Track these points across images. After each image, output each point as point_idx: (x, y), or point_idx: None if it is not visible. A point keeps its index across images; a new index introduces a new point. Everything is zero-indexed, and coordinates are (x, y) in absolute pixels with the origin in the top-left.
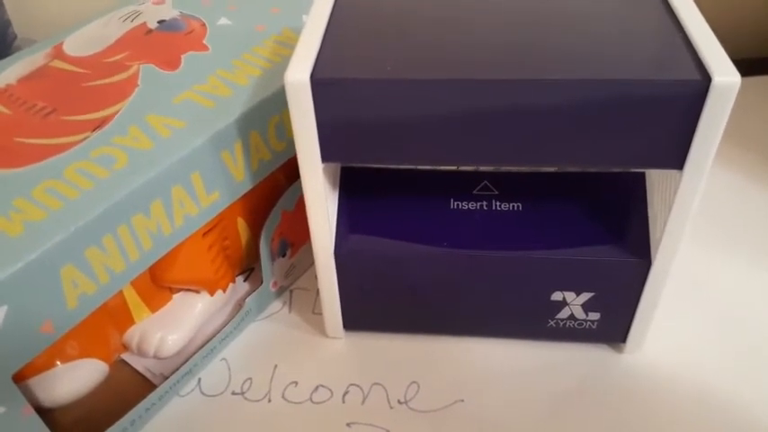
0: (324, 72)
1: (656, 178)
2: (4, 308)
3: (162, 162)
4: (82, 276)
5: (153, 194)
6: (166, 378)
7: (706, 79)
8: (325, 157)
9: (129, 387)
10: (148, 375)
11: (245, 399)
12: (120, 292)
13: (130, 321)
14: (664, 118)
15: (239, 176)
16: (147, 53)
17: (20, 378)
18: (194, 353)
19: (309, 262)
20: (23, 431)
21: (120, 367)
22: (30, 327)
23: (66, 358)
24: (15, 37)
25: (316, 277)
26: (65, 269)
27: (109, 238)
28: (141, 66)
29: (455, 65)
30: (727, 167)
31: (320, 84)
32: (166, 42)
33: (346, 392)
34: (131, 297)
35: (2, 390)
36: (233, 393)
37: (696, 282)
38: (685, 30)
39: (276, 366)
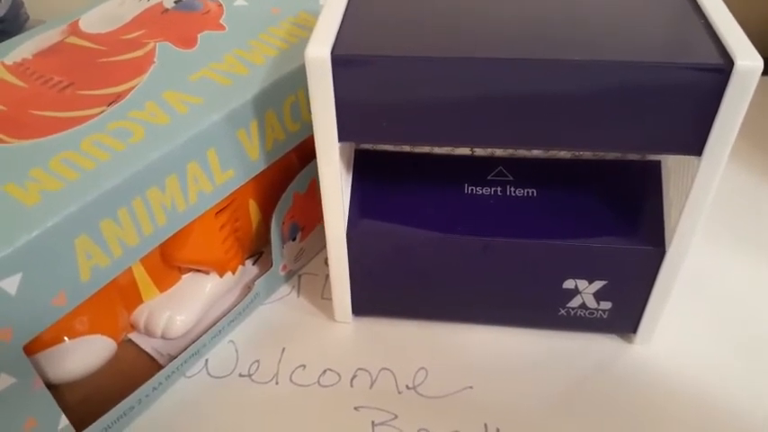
0: (344, 48)
1: (672, 166)
2: (19, 275)
3: (179, 137)
4: (96, 248)
5: (169, 169)
6: (173, 358)
7: (729, 63)
8: (342, 135)
9: (136, 367)
10: (155, 355)
11: (253, 381)
12: (130, 270)
13: (139, 300)
14: (684, 102)
15: (254, 155)
16: (164, 31)
17: (28, 352)
18: (202, 334)
19: (319, 247)
20: (33, 404)
21: (127, 347)
22: (43, 296)
23: (75, 334)
24: (28, 18)
25: (325, 263)
26: (79, 240)
27: (124, 210)
28: (157, 43)
29: (475, 45)
30: (729, 162)
31: (340, 60)
32: (183, 21)
33: (354, 376)
34: (141, 276)
35: (13, 360)
36: (240, 375)
37: (706, 275)
38: (706, 15)
39: (284, 349)
